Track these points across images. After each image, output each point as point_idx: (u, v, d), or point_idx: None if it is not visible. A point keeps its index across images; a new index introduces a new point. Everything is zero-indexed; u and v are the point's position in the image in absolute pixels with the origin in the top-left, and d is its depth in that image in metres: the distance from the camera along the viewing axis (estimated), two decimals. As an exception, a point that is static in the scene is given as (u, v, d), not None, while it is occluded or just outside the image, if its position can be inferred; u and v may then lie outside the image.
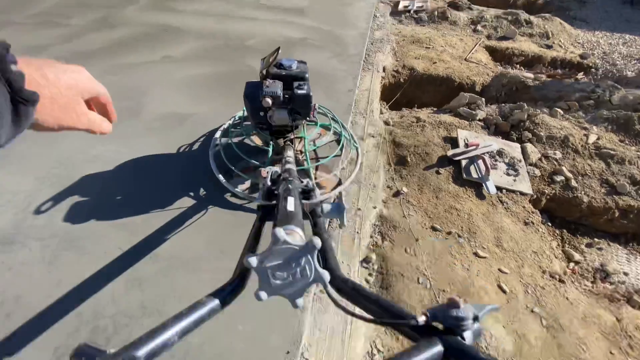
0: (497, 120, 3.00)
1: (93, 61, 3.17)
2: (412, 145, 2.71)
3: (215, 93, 2.86)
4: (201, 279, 1.63)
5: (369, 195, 2.34)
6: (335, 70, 3.29)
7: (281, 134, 1.98)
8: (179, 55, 3.35)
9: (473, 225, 2.26)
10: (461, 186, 2.48)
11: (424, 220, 2.27)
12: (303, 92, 1.65)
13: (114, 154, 2.22)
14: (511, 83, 3.87)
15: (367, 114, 3.06)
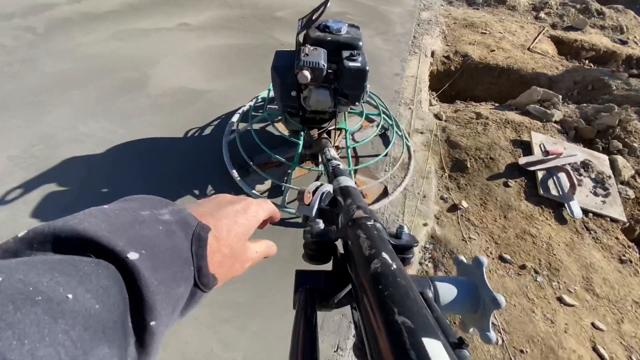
0: (578, 124, 2.41)
1: (99, 24, 2.76)
2: (472, 147, 2.18)
3: (237, 69, 2.40)
4: (197, 314, 1.20)
5: (418, 208, 1.84)
6: (379, 50, 2.76)
7: (316, 122, 1.50)
8: (197, 23, 2.90)
9: (554, 259, 1.73)
10: (537, 205, 1.94)
11: (489, 247, 1.75)
12: (356, 66, 1.15)
13: (107, 134, 1.80)
14: (587, 80, 3.23)
15: (413, 105, 2.53)
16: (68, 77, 2.18)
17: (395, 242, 0.41)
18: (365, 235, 0.37)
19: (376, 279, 0.29)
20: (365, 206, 0.45)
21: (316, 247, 0.42)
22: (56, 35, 2.64)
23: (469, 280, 0.43)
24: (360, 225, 0.40)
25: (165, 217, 0.27)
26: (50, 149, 1.70)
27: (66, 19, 2.85)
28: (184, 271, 0.26)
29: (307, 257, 0.43)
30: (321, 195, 0.53)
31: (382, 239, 0.37)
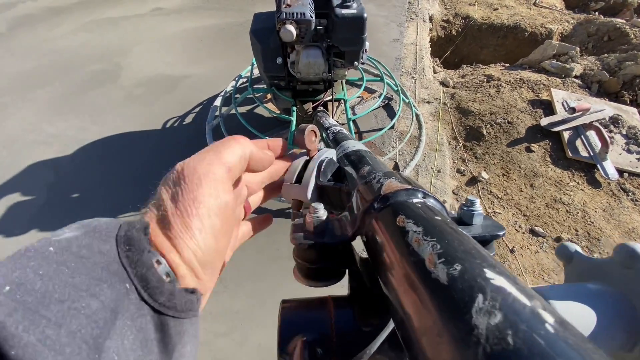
0: (601, 77, 2.17)
1: (65, 17, 2.53)
2: (486, 113, 1.95)
3: (217, 50, 2.17)
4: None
5: (433, 184, 1.64)
6: (374, 17, 2.51)
7: (309, 95, 1.29)
8: (172, 6, 2.66)
9: (592, 227, 1.53)
10: (565, 169, 1.73)
11: (517, 220, 1.55)
12: (351, 13, 0.93)
13: (77, 132, 1.60)
14: (602, 31, 2.95)
15: (416, 74, 2.30)
16: (32, 76, 1.97)
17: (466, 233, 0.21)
18: (414, 222, 0.17)
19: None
20: (396, 173, 0.24)
21: (317, 256, 0.22)
22: (19, 33, 2.41)
23: (605, 289, 0.23)
24: (398, 205, 0.19)
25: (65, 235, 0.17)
26: (13, 154, 1.50)
27: (29, 15, 2.62)
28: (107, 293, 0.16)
29: (302, 274, 0.23)
30: (319, 165, 0.33)
31: (447, 228, 0.16)
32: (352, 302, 0.22)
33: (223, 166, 0.22)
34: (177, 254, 0.20)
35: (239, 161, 0.24)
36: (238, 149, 0.24)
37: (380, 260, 0.18)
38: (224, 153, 0.23)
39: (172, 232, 0.20)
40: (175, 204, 0.20)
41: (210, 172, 0.22)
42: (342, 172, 0.35)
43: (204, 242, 0.20)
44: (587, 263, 0.26)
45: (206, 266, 0.21)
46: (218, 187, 0.21)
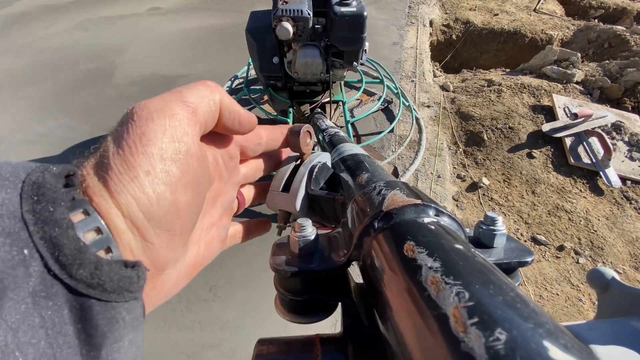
0: (603, 83, 2.14)
1: (60, 16, 2.49)
2: (487, 118, 1.92)
3: (214, 50, 2.13)
4: (175, 340, 0.96)
5: (433, 190, 1.60)
6: (374, 20, 2.48)
7: (307, 96, 1.25)
8: (170, 6, 2.62)
9: (596, 236, 1.49)
10: (567, 176, 1.69)
11: (518, 228, 1.52)
12: (350, 11, 0.89)
13: (68, 132, 1.55)
14: (602, 38, 2.94)
15: (416, 78, 2.27)
16: (24, 74, 1.92)
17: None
18: (428, 252, 0.13)
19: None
20: (401, 183, 0.20)
21: (302, 285, 0.18)
22: (13, 31, 2.37)
23: None
24: (405, 226, 0.15)
25: None
26: (0, 153, 1.45)
27: (25, 13, 2.58)
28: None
29: (283, 306, 0.19)
30: (310, 171, 0.29)
31: (476, 264, 0.12)
32: (345, 345, 0.17)
33: (184, 105, 0.17)
34: (111, 200, 0.15)
35: (208, 105, 0.19)
36: (205, 91, 0.19)
37: (381, 299, 0.14)
38: (185, 92, 0.18)
39: (109, 174, 0.15)
40: (117, 143, 0.16)
41: (166, 108, 0.17)
42: (337, 180, 0.31)
43: (153, 188, 0.15)
44: (628, 293, 0.22)
45: (158, 224, 0.16)
46: (177, 128, 0.17)
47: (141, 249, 0.16)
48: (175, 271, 0.19)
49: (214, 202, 0.23)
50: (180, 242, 0.18)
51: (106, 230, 0.14)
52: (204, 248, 0.22)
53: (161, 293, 0.18)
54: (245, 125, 0.22)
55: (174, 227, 0.17)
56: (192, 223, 0.19)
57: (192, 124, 0.17)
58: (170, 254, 0.17)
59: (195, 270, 0.22)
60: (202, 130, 0.19)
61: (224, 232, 0.25)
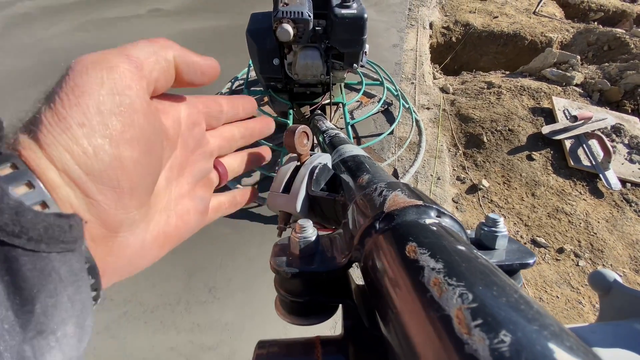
0: (602, 85, 2.14)
1: (62, 17, 2.50)
2: (487, 120, 1.92)
3: (215, 51, 2.13)
4: (174, 342, 0.96)
5: (432, 192, 1.60)
6: (374, 22, 2.49)
7: (307, 98, 1.25)
8: (171, 7, 2.63)
9: (595, 239, 1.49)
10: (567, 178, 1.69)
11: (518, 230, 1.51)
12: (351, 13, 0.90)
13: (68, 133, 1.55)
14: (602, 41, 2.95)
15: (416, 80, 2.27)
16: (24, 75, 1.92)
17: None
18: (430, 253, 0.13)
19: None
20: (402, 184, 0.20)
21: (303, 287, 0.18)
22: (15, 32, 2.37)
23: None
24: (406, 227, 0.15)
25: None
26: (-1, 155, 1.45)
27: (26, 14, 2.59)
28: None
29: (284, 308, 0.19)
30: (310, 172, 0.29)
31: (479, 265, 0.12)
32: (346, 347, 0.17)
33: (127, 58, 0.16)
34: (41, 152, 0.14)
35: (157, 62, 0.18)
36: (152, 47, 0.18)
37: (383, 301, 0.14)
38: (129, 47, 0.17)
39: (39, 127, 0.14)
40: (49, 98, 0.15)
41: (103, 61, 0.16)
42: (337, 181, 0.30)
43: (89, 140, 0.14)
44: (630, 295, 0.22)
45: (99, 179, 0.15)
46: (117, 81, 0.16)
47: (84, 207, 0.15)
48: (136, 237, 0.18)
49: (181, 171, 0.23)
50: (132, 202, 0.17)
51: (38, 184, 0.13)
52: (177, 219, 0.22)
53: (121, 259, 0.18)
54: (209, 72, 0.21)
55: (121, 185, 0.16)
56: (147, 183, 0.18)
57: (136, 79, 0.16)
58: (120, 213, 0.16)
59: (169, 241, 0.21)
60: (152, 88, 0.18)
61: (201, 204, 0.24)
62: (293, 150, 0.29)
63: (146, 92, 0.17)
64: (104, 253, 0.16)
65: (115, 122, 0.15)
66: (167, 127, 0.20)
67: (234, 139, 0.26)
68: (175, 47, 0.19)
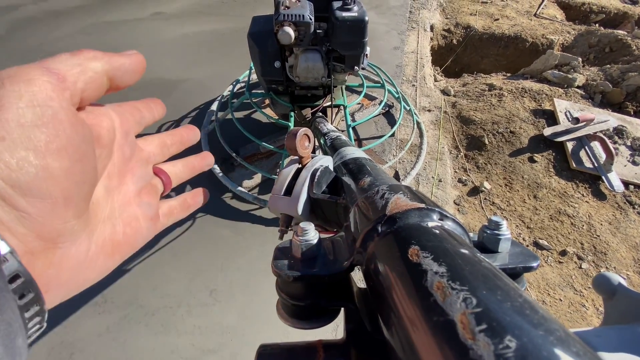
0: (604, 87, 2.14)
1: (65, 21, 2.51)
2: (488, 122, 1.92)
3: (216, 54, 2.14)
4: (175, 345, 0.96)
5: (434, 194, 1.59)
6: (375, 24, 2.50)
7: (308, 100, 1.25)
8: (173, 11, 2.64)
9: (598, 241, 1.48)
10: (569, 180, 1.69)
11: (520, 232, 1.51)
12: (352, 16, 0.90)
13: (70, 136, 1.56)
14: (603, 43, 2.95)
15: (417, 82, 2.28)
16: (27, 78, 1.93)
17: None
18: (433, 257, 0.12)
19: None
20: (404, 187, 0.20)
21: (305, 291, 0.18)
22: (19, 36, 2.39)
23: None
24: (409, 230, 0.15)
25: None
26: None
27: (30, 18, 2.60)
28: None
29: (286, 311, 0.19)
30: (312, 174, 0.28)
31: (482, 269, 0.12)
32: (348, 351, 0.17)
33: (46, 70, 0.16)
34: None
35: (81, 72, 0.17)
36: (75, 59, 0.18)
37: (385, 305, 0.13)
38: (49, 60, 0.17)
39: None
40: None
41: (20, 74, 0.16)
42: (339, 183, 0.30)
43: (11, 153, 0.14)
44: (635, 299, 0.22)
45: (28, 191, 0.15)
46: (37, 93, 0.15)
47: (16, 220, 0.15)
48: (78, 247, 0.18)
49: (121, 178, 0.23)
50: (69, 212, 0.17)
51: None
52: (125, 226, 0.22)
53: (65, 271, 0.17)
54: (138, 67, 0.21)
55: (53, 195, 0.16)
56: (83, 192, 0.18)
57: (58, 90, 0.16)
58: (57, 223, 0.16)
59: (119, 250, 0.21)
60: (78, 99, 0.18)
61: (149, 210, 0.24)
62: (294, 153, 0.29)
63: (70, 102, 0.17)
64: (44, 266, 0.16)
65: (39, 133, 0.15)
66: (101, 136, 0.20)
67: (165, 146, 0.27)
68: (99, 57, 0.19)
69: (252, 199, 1.27)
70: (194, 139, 0.29)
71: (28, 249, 0.15)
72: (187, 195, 0.29)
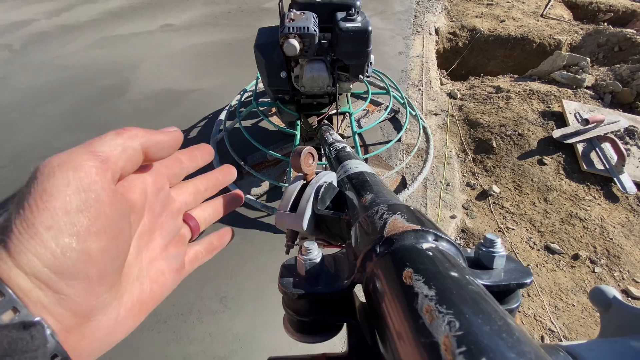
0: (614, 87, 2.11)
1: (77, 35, 2.60)
2: (495, 125, 1.91)
3: (224, 64, 2.19)
4: (186, 352, 0.97)
5: (442, 198, 1.59)
6: (380, 30, 2.52)
7: (314, 108, 1.27)
8: (182, 23, 2.71)
9: (612, 244, 1.45)
10: (580, 182, 1.66)
11: (531, 236, 1.49)
12: (355, 26, 0.92)
13: (84, 147, 1.60)
14: (612, 42, 2.91)
15: (423, 86, 2.28)
16: (42, 91, 2.00)
17: (486, 282, 0.18)
18: (424, 280, 0.14)
19: None
20: (403, 206, 0.21)
21: (309, 307, 0.19)
22: (32, 50, 2.47)
23: None
24: (404, 252, 0.16)
25: None
26: (19, 169, 1.51)
27: (43, 33, 2.70)
28: None
29: (292, 326, 0.20)
30: (316, 191, 0.30)
31: (468, 293, 0.13)
32: (351, 363, 0.18)
33: (92, 155, 0.17)
34: (10, 261, 0.15)
35: (123, 151, 0.19)
36: (118, 139, 0.19)
37: (381, 322, 0.15)
38: (95, 143, 0.18)
39: (9, 236, 0.15)
40: (19, 205, 0.16)
41: (69, 161, 0.17)
42: (342, 198, 0.32)
43: (56, 242, 0.15)
44: (630, 313, 0.22)
45: (68, 275, 0.16)
46: (83, 179, 0.17)
47: (55, 302, 0.16)
48: (108, 316, 0.19)
49: (151, 235, 0.23)
50: (102, 288, 0.18)
51: (8, 291, 0.14)
52: (152, 283, 0.22)
53: (95, 342, 0.18)
54: (174, 144, 0.22)
55: (90, 275, 0.17)
56: (115, 267, 0.19)
57: (101, 172, 0.17)
58: (91, 300, 0.17)
59: (146, 308, 0.21)
60: (118, 175, 0.19)
61: (175, 262, 0.24)
62: (299, 170, 0.30)
63: (111, 182, 0.18)
64: (77, 340, 0.17)
65: (82, 218, 0.16)
66: (134, 202, 0.21)
67: (199, 192, 0.27)
68: (140, 135, 0.20)
69: (261, 206, 1.29)
70: (230, 180, 0.29)
71: (64, 327, 0.16)
72: (213, 238, 0.29)
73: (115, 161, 0.18)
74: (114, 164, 0.18)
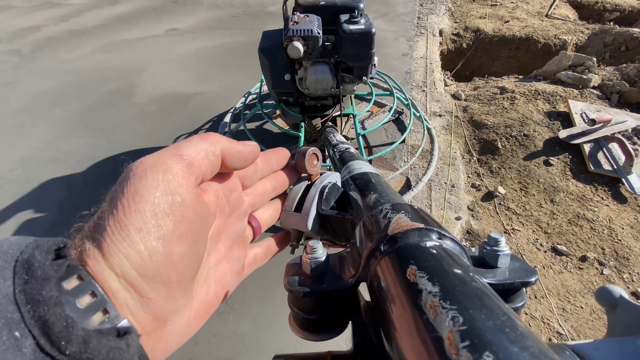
0: (621, 87, 2.09)
1: (85, 40, 2.64)
2: (501, 125, 1.90)
3: (229, 67, 2.20)
4: (191, 353, 0.98)
5: (447, 200, 1.58)
6: (383, 32, 2.52)
7: (318, 110, 1.27)
8: (187, 27, 2.74)
9: (620, 246, 1.43)
10: (588, 183, 1.65)
11: (538, 238, 1.48)
12: (359, 28, 0.92)
13: (91, 150, 1.63)
14: (618, 41, 2.88)
15: (427, 87, 2.27)
16: (51, 95, 2.03)
17: (491, 281, 0.18)
18: (428, 277, 0.14)
19: None
20: (406, 205, 0.21)
21: (315, 305, 0.19)
22: (41, 55, 2.52)
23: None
24: (408, 250, 0.16)
25: None
26: (29, 171, 1.53)
27: (52, 38, 2.74)
28: None
29: (297, 324, 0.20)
30: (321, 191, 0.30)
31: (472, 289, 0.13)
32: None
33: (179, 158, 0.18)
34: (104, 262, 0.15)
35: (206, 156, 0.19)
36: (203, 144, 0.19)
37: (386, 320, 0.15)
38: (182, 146, 0.19)
39: (103, 236, 0.15)
40: (112, 203, 0.16)
41: (160, 163, 0.17)
42: (347, 198, 0.32)
43: (145, 244, 0.16)
44: (637, 312, 0.22)
45: (152, 279, 0.16)
46: (171, 181, 0.17)
47: (139, 306, 0.16)
48: (181, 319, 0.19)
49: (218, 237, 0.23)
50: (179, 293, 0.18)
51: (100, 292, 0.15)
52: (215, 285, 0.22)
53: (170, 343, 0.18)
54: (250, 157, 0.23)
55: (170, 280, 0.17)
56: (191, 271, 0.19)
57: (186, 176, 0.18)
58: (170, 305, 0.17)
59: (209, 310, 0.22)
60: (200, 180, 0.19)
61: (237, 264, 0.24)
62: (304, 171, 0.30)
63: (195, 185, 0.19)
64: (154, 343, 0.17)
65: (168, 221, 0.17)
66: (209, 204, 0.21)
67: (267, 193, 0.27)
68: (222, 141, 0.21)
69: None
70: (284, 163, 0.29)
71: (144, 330, 0.16)
72: (272, 242, 0.29)
73: (199, 165, 0.19)
74: (198, 168, 0.19)
